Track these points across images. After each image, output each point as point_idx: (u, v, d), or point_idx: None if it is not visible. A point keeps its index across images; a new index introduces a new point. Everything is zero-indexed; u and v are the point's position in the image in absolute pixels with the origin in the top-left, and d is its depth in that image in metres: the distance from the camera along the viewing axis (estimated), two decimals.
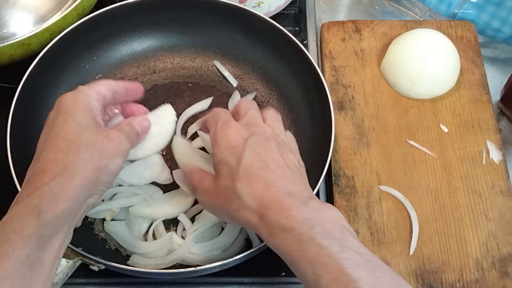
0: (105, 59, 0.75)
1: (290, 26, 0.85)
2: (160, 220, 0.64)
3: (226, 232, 0.63)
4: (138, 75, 0.77)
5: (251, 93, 0.75)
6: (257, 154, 0.49)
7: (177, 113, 0.72)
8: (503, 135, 0.77)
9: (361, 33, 0.81)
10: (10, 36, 0.74)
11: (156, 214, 0.64)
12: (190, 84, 0.76)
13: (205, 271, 0.57)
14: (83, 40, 0.72)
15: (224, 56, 0.77)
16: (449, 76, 0.74)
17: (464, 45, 0.79)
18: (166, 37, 0.77)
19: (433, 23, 0.81)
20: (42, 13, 0.77)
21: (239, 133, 0.51)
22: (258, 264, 0.65)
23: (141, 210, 0.64)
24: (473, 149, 0.71)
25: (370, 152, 0.71)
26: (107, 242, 0.63)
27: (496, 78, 0.82)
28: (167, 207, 0.65)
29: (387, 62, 0.77)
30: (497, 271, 0.63)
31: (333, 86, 0.76)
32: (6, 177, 0.58)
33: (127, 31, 0.76)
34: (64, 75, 0.72)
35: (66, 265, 0.54)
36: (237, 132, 0.51)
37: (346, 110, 0.74)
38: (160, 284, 0.64)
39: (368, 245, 0.64)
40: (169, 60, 0.78)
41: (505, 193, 0.68)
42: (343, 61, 0.78)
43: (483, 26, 0.83)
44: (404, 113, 0.74)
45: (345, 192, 0.68)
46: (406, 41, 0.75)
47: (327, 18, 0.89)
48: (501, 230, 0.66)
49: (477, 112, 0.74)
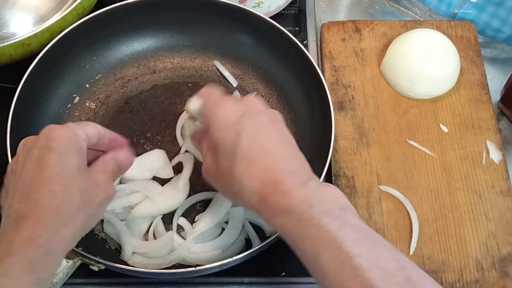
0: (105, 59, 0.76)
1: (290, 26, 0.85)
2: (159, 219, 0.64)
3: (227, 233, 0.63)
4: (138, 75, 0.77)
5: (251, 93, 0.75)
6: (254, 134, 0.48)
7: (177, 113, 0.73)
8: (503, 135, 0.77)
9: (361, 33, 0.81)
10: (10, 36, 0.74)
11: (157, 210, 0.64)
12: (190, 84, 0.76)
13: (205, 271, 0.57)
14: (83, 40, 0.72)
15: (224, 56, 0.78)
16: (449, 76, 0.74)
17: (464, 45, 0.79)
18: (166, 37, 0.77)
19: (433, 23, 0.81)
20: (42, 13, 0.77)
21: (233, 109, 0.50)
22: (258, 264, 0.65)
23: (142, 210, 0.63)
24: (473, 149, 0.71)
25: (370, 152, 0.71)
26: (107, 242, 0.63)
27: (496, 78, 0.83)
28: (167, 201, 0.65)
29: (387, 62, 0.77)
30: (497, 271, 0.63)
31: (333, 86, 0.76)
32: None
33: (127, 31, 0.76)
34: (64, 75, 0.72)
35: (66, 265, 0.54)
36: (232, 108, 0.50)
37: (346, 110, 0.74)
38: (160, 284, 0.64)
39: None
40: (169, 60, 0.78)
41: (505, 193, 0.68)
42: (343, 61, 0.78)
43: (483, 26, 0.83)
44: (404, 113, 0.74)
45: (345, 192, 0.67)
46: (406, 41, 0.75)
47: (327, 18, 0.89)
48: (501, 230, 0.66)
49: (477, 112, 0.74)
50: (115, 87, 0.76)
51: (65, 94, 0.72)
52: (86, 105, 0.74)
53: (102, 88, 0.75)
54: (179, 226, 0.65)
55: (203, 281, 0.64)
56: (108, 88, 0.75)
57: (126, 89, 0.76)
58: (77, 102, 0.73)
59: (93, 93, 0.74)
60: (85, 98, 0.74)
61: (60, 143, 0.47)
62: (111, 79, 0.76)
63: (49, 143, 0.46)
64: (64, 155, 0.46)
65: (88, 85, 0.74)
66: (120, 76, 0.76)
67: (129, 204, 0.64)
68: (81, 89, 0.74)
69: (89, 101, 0.74)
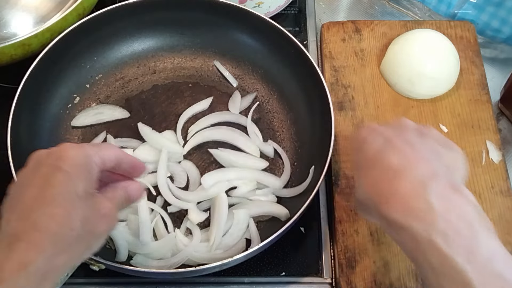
0: (106, 59, 0.76)
1: (290, 27, 0.85)
2: (159, 217, 0.64)
3: (230, 234, 0.63)
4: (138, 75, 0.77)
5: (251, 93, 0.75)
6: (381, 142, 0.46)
7: (177, 113, 0.73)
8: (503, 135, 0.77)
9: (361, 33, 0.81)
10: (10, 36, 0.74)
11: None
12: (190, 84, 0.76)
13: (205, 271, 0.57)
14: (83, 40, 0.72)
15: (224, 56, 0.78)
16: (448, 76, 0.74)
17: (463, 45, 0.79)
18: (166, 37, 0.77)
19: (433, 23, 0.82)
20: (43, 14, 0.77)
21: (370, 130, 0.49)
22: (258, 264, 0.65)
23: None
24: (473, 149, 0.72)
25: None
26: (107, 242, 0.64)
27: (495, 78, 0.83)
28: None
29: (387, 62, 0.77)
30: None
31: (333, 86, 0.76)
32: (6, 177, 0.58)
33: (127, 31, 0.76)
34: (64, 75, 0.72)
35: None
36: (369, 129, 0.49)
37: (346, 110, 0.74)
38: (160, 284, 0.64)
39: (368, 245, 0.64)
40: (169, 60, 0.78)
41: (504, 193, 0.68)
42: (343, 61, 0.78)
43: (482, 26, 0.83)
44: (404, 113, 0.74)
45: (345, 192, 0.68)
46: (406, 41, 0.75)
47: (327, 18, 0.89)
48: (501, 230, 0.66)
49: (477, 112, 0.74)
50: (116, 87, 0.76)
51: (65, 94, 0.72)
52: (86, 105, 0.74)
53: (103, 88, 0.75)
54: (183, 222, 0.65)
55: (203, 281, 0.64)
56: (109, 88, 0.75)
57: (127, 89, 0.76)
58: (77, 102, 0.73)
59: (94, 93, 0.75)
60: (85, 98, 0.74)
61: (70, 164, 0.44)
62: (112, 79, 0.76)
63: (59, 162, 0.44)
64: (72, 177, 0.44)
65: (88, 85, 0.75)
66: (121, 76, 0.76)
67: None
68: (82, 89, 0.74)
69: (90, 101, 0.74)
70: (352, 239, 0.64)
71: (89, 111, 0.73)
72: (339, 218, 0.66)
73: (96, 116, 0.72)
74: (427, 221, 0.38)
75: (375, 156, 0.45)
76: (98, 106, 0.73)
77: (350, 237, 0.65)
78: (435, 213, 0.38)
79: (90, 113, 0.72)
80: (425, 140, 0.46)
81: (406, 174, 0.41)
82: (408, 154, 0.43)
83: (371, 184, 0.44)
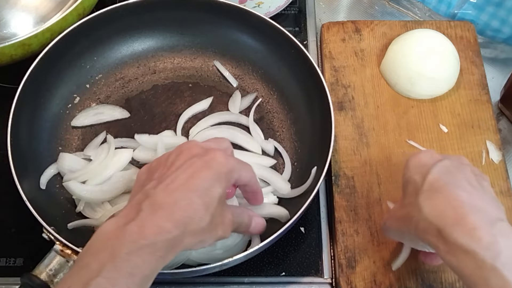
0: (106, 59, 0.76)
1: (290, 27, 0.85)
2: None
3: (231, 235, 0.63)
4: (138, 75, 0.77)
5: (251, 93, 0.75)
6: (446, 171, 0.48)
7: (177, 113, 0.73)
8: (503, 135, 0.77)
9: (361, 34, 0.81)
10: (10, 36, 0.74)
11: None
12: (190, 84, 0.76)
13: (205, 271, 0.57)
14: (83, 40, 0.72)
15: (224, 56, 0.78)
16: (448, 76, 0.74)
17: (463, 45, 0.79)
18: (166, 37, 0.77)
19: (432, 24, 0.82)
20: (43, 14, 0.77)
21: (432, 156, 0.51)
22: (258, 264, 0.65)
23: None
24: (473, 149, 0.72)
25: (370, 152, 0.71)
26: None
27: (495, 78, 0.83)
28: None
29: (387, 62, 0.77)
30: None
31: (333, 86, 0.76)
32: (6, 177, 0.58)
33: (127, 31, 0.76)
34: (64, 75, 0.72)
35: (67, 265, 0.54)
36: (431, 155, 0.52)
37: (346, 110, 0.74)
38: (160, 284, 0.64)
39: (368, 245, 0.64)
40: (169, 61, 0.78)
41: (504, 193, 0.68)
42: (343, 61, 0.78)
43: (482, 26, 0.83)
44: (403, 113, 0.75)
45: (345, 192, 0.68)
46: (406, 41, 0.75)
47: (327, 18, 0.89)
48: None
49: (477, 112, 0.74)
50: (116, 87, 0.76)
51: (65, 94, 0.72)
52: (86, 105, 0.74)
53: (103, 88, 0.75)
54: None
55: (203, 281, 0.64)
56: (109, 88, 0.75)
57: (127, 89, 0.76)
58: (77, 102, 0.73)
59: (94, 93, 0.75)
60: (85, 98, 0.74)
61: (219, 168, 0.49)
62: (112, 79, 0.76)
63: (211, 162, 0.49)
64: (215, 179, 0.48)
65: (88, 85, 0.75)
66: (121, 76, 0.76)
67: None
68: (82, 89, 0.74)
69: (90, 101, 0.74)
70: (352, 239, 0.65)
71: (89, 111, 0.73)
72: (339, 218, 0.66)
73: (96, 116, 0.72)
74: (492, 251, 0.41)
75: (439, 183, 0.47)
76: (98, 106, 0.74)
77: (350, 237, 0.65)
78: (500, 246, 0.41)
79: (90, 113, 0.72)
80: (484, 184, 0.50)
81: (474, 210, 0.44)
82: (474, 195, 0.46)
83: (436, 206, 0.46)
